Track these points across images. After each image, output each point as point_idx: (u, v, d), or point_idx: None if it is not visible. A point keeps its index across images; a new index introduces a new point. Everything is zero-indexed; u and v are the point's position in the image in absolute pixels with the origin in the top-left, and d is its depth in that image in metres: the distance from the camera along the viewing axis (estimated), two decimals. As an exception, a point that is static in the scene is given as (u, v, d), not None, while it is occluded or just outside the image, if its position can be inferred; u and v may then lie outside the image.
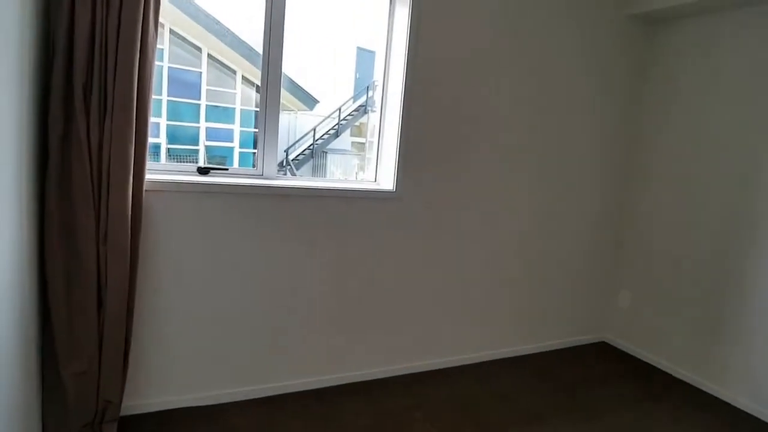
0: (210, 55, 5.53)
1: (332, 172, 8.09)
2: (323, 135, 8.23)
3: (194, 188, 1.91)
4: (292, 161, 7.81)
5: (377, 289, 2.40)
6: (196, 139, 5.78)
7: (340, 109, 8.25)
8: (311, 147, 8.10)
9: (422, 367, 2.59)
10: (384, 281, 2.40)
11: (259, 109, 2.11)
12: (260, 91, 2.09)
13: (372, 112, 2.40)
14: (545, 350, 2.99)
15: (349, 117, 8.44)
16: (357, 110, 8.42)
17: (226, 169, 2.10)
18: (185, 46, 5.27)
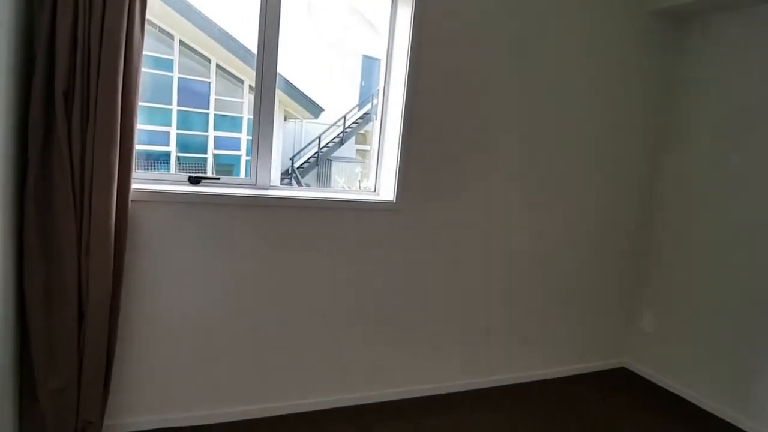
0: (218, 65, 5.65)
1: (336, 180, 8.18)
2: (328, 143, 8.35)
3: (183, 198, 1.85)
4: (297, 169, 7.92)
5: (373, 305, 2.30)
6: (205, 148, 5.90)
7: (345, 117, 8.36)
8: (316, 155, 8.22)
9: (417, 392, 2.43)
10: (381, 297, 2.31)
11: (253, 116, 2.06)
12: (254, 98, 2.05)
13: (375, 120, 2.43)
14: (559, 376, 2.77)
15: (354, 125, 8.55)
16: (362, 118, 8.54)
17: (218, 179, 2.07)
18: (195, 57, 5.41)
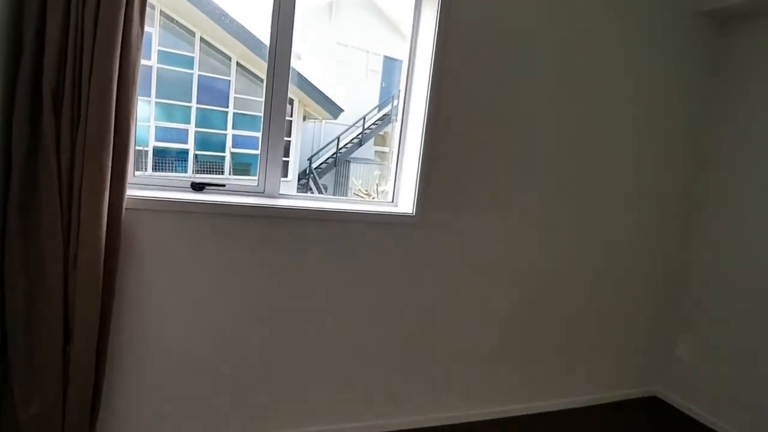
0: (239, 64, 5.64)
1: (353, 183, 8.11)
2: (347, 144, 8.29)
3: (183, 207, 1.70)
4: (315, 170, 7.88)
5: (386, 328, 2.15)
6: (223, 146, 5.89)
7: (365, 118, 8.30)
8: (335, 156, 8.16)
9: (435, 421, 2.26)
10: (394, 318, 2.16)
11: (263, 115, 1.91)
12: (265, 93, 1.91)
13: (395, 121, 2.32)
14: (585, 405, 2.62)
15: (374, 126, 8.48)
16: (381, 119, 8.46)
17: (223, 186, 1.93)
18: (215, 55, 5.40)
